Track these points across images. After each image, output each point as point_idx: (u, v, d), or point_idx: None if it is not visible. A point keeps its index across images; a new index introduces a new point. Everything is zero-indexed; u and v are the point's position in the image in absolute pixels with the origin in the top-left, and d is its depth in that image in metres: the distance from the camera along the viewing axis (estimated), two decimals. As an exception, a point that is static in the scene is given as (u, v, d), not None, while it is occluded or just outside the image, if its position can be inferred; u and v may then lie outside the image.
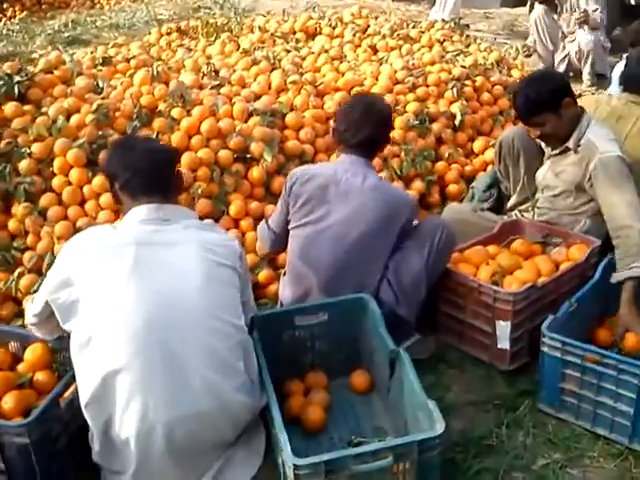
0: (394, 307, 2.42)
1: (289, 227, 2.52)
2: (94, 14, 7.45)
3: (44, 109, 3.12)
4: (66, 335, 1.95)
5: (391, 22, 4.94)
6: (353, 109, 2.50)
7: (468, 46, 4.86)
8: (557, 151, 2.80)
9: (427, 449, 1.78)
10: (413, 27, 4.98)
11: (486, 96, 4.07)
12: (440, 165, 3.66)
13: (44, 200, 2.88)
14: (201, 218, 2.93)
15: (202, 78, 3.62)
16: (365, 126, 2.47)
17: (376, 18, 5.09)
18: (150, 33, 4.90)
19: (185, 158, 2.99)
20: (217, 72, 3.73)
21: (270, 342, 2.30)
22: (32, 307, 2.04)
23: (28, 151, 2.93)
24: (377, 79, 3.90)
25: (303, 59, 4.14)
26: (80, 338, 1.87)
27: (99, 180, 2.86)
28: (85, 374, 1.87)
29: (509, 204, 3.15)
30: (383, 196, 2.43)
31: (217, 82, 3.56)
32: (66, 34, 6.56)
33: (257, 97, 3.53)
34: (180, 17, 7.01)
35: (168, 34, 4.81)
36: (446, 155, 3.69)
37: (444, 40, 4.67)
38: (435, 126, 3.75)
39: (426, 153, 3.63)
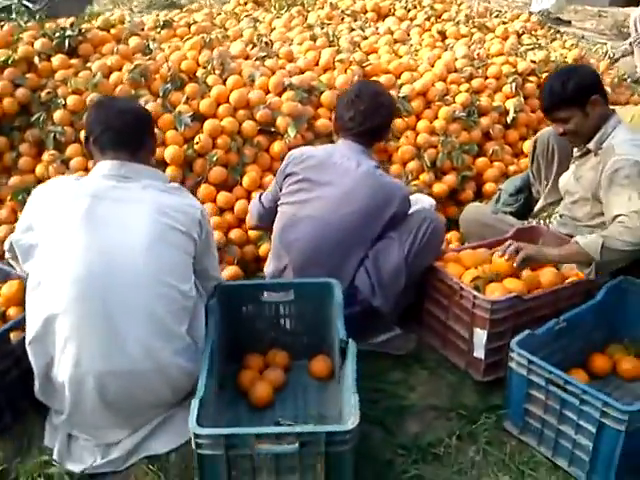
0: (369, 297, 2.34)
1: (278, 203, 2.49)
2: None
3: (89, 64, 3.27)
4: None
5: (473, 9, 4.73)
6: (360, 98, 2.41)
7: (552, 41, 4.57)
8: (579, 153, 2.58)
9: (336, 443, 1.71)
10: (496, 17, 4.74)
11: (550, 95, 3.79)
12: (481, 161, 3.48)
13: (70, 150, 3.02)
14: (216, 186, 3.02)
15: (252, 49, 3.64)
16: (373, 116, 2.40)
17: (459, 4, 4.89)
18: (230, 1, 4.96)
19: (207, 125, 3.03)
20: (268, 44, 3.72)
21: (234, 314, 2.31)
22: (6, 245, 2.15)
23: (63, 102, 3.08)
24: (433, 66, 3.75)
25: (365, 39, 4.05)
26: (32, 280, 1.96)
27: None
28: (31, 314, 1.95)
29: (535, 208, 2.94)
30: (374, 184, 2.35)
31: (264, 54, 3.56)
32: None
33: (301, 72, 3.51)
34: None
35: (245, 4, 4.86)
36: (490, 152, 3.50)
37: (523, 33, 4.40)
38: (484, 120, 3.56)
39: (468, 147, 3.46)
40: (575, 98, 2.42)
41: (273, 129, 3.14)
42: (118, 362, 1.91)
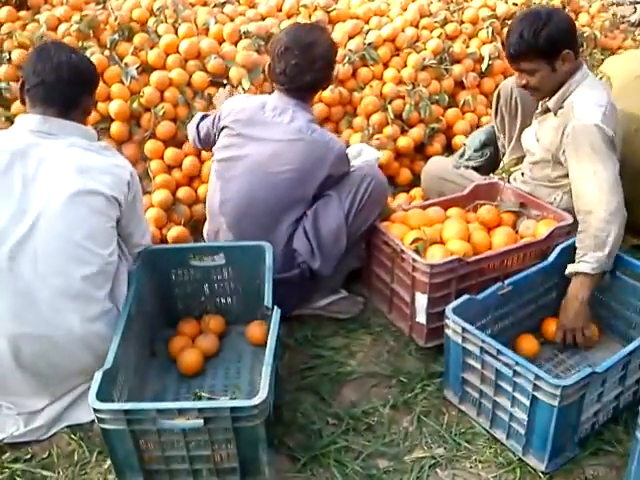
0: (308, 259, 2.22)
1: (212, 157, 2.37)
2: None
3: (37, 16, 3.10)
4: None
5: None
6: (291, 50, 2.17)
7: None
8: (540, 110, 2.39)
9: (243, 418, 1.63)
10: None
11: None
12: (451, 112, 3.29)
13: (15, 107, 2.88)
14: (164, 141, 2.88)
15: (211, -5, 3.44)
16: (306, 71, 2.18)
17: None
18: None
19: (154, 76, 2.87)
20: (229, -11, 3.52)
21: (165, 279, 2.22)
22: None
23: (8, 57, 2.93)
24: (406, 10, 3.52)
25: (339, -17, 3.81)
26: None
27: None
28: None
29: (500, 164, 2.77)
30: (305, 143, 2.17)
31: (223, 0, 3.36)
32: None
33: (263, 19, 3.31)
34: None
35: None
36: (461, 102, 3.30)
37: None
38: (457, 68, 3.35)
39: (438, 97, 3.27)
40: (546, 50, 2.18)
41: (226, 81, 2.97)
42: (31, 324, 1.83)
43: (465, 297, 2.00)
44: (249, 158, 2.22)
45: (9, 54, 2.94)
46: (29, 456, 1.92)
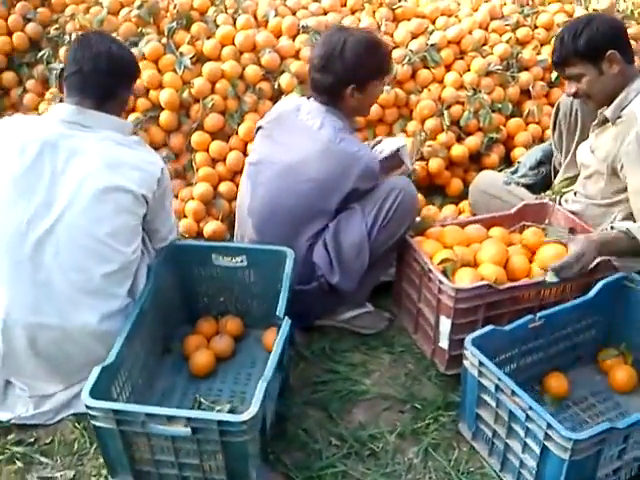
0: (327, 273, 2.13)
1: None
2: None
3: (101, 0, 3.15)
4: None
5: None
6: (317, 55, 2.10)
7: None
8: (596, 121, 2.21)
9: (231, 433, 1.58)
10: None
11: (611, 49, 3.31)
12: (513, 122, 3.11)
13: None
14: (212, 134, 2.86)
15: (276, -13, 3.38)
16: (327, 76, 2.09)
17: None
18: None
19: (206, 67, 2.86)
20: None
21: (187, 275, 2.20)
22: None
23: (69, 39, 2.99)
24: (477, 11, 3.35)
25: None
26: None
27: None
28: None
29: (555, 182, 2.58)
30: (332, 154, 2.06)
31: (287, -8, 3.30)
32: None
33: (325, 14, 3.23)
34: None
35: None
36: (525, 112, 3.11)
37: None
38: (524, 76, 3.16)
39: (501, 105, 3.10)
40: (587, 51, 2.06)
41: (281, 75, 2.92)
42: (48, 315, 1.85)
43: (489, 327, 1.87)
44: (277, 165, 2.15)
45: (69, 36, 3.00)
46: (33, 440, 1.94)
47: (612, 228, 2.04)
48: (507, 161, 3.08)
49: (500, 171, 2.85)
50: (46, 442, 1.93)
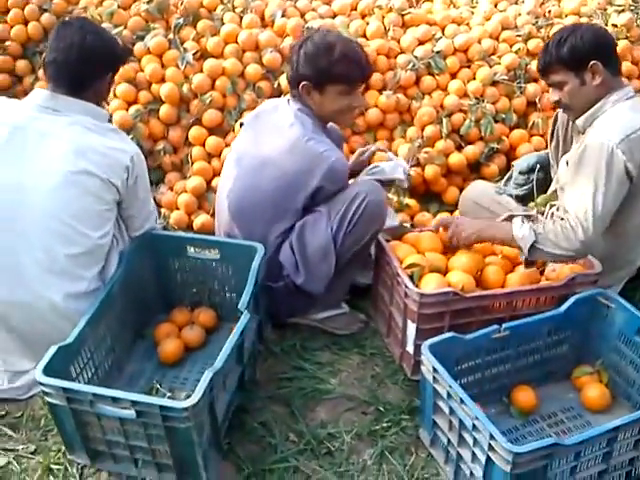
0: (292, 274, 2.13)
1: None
2: None
3: (115, -7, 3.22)
4: None
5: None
6: (298, 45, 2.13)
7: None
8: (575, 132, 2.19)
9: (173, 418, 1.59)
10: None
11: (624, 67, 3.23)
12: (516, 133, 3.06)
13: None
14: (209, 129, 2.90)
15: (288, -13, 3.40)
16: (288, 63, 2.15)
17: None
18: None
19: (207, 64, 2.90)
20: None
21: (163, 265, 2.23)
22: None
23: (80, 30, 3.06)
24: (490, 19, 3.32)
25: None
26: None
27: (121, 70, 2.88)
28: None
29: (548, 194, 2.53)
30: (300, 149, 2.05)
31: (297, -7, 3.32)
32: None
33: (334, 16, 3.24)
34: None
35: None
36: (530, 124, 3.07)
37: (622, -11, 3.76)
38: (531, 87, 3.11)
39: (505, 116, 3.06)
40: (569, 60, 2.04)
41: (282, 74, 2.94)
42: (19, 294, 1.91)
43: (449, 335, 1.85)
44: (250, 160, 2.16)
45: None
46: (4, 413, 1.99)
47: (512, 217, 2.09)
48: (507, 172, 3.03)
49: (497, 182, 2.81)
50: (15, 416, 1.98)
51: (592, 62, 2.02)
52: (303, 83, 2.09)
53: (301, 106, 2.13)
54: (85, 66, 1.98)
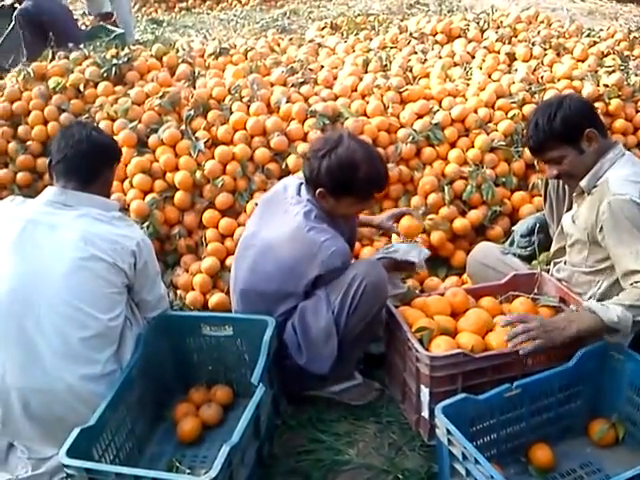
0: (295, 354, 2.18)
1: None
2: (313, 5, 7.79)
3: (129, 91, 3.44)
4: None
5: (561, 28, 4.33)
6: (317, 140, 2.28)
7: (650, 63, 4.03)
8: (575, 192, 2.25)
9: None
10: (587, 36, 4.29)
11: (618, 123, 3.36)
12: (518, 196, 3.15)
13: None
14: (222, 212, 3.03)
15: (292, 75, 3.61)
16: (307, 164, 2.20)
17: (550, 24, 4.49)
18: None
19: (218, 150, 3.06)
20: (312, 70, 3.68)
21: (180, 345, 2.29)
22: None
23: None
24: (484, 90, 3.47)
25: (424, 62, 3.86)
26: None
27: (137, 161, 3.08)
28: None
29: (550, 253, 2.59)
30: (301, 237, 2.12)
31: (302, 80, 3.52)
32: (279, 23, 6.98)
33: (336, 99, 3.42)
34: (390, 12, 6.98)
35: (323, 29, 4.86)
36: (530, 186, 3.16)
37: (608, 53, 3.92)
38: (529, 150, 3.21)
39: (505, 179, 3.16)
40: (565, 133, 2.11)
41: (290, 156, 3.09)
42: (36, 379, 1.98)
43: (461, 396, 1.88)
44: (259, 241, 2.25)
45: (97, 124, 3.27)
46: (29, 501, 2.03)
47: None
48: (512, 233, 3.10)
49: (503, 243, 2.88)
50: (37, 501, 2.02)
51: (587, 130, 2.10)
52: (320, 190, 2.16)
53: (311, 198, 2.21)
54: (96, 157, 2.15)
